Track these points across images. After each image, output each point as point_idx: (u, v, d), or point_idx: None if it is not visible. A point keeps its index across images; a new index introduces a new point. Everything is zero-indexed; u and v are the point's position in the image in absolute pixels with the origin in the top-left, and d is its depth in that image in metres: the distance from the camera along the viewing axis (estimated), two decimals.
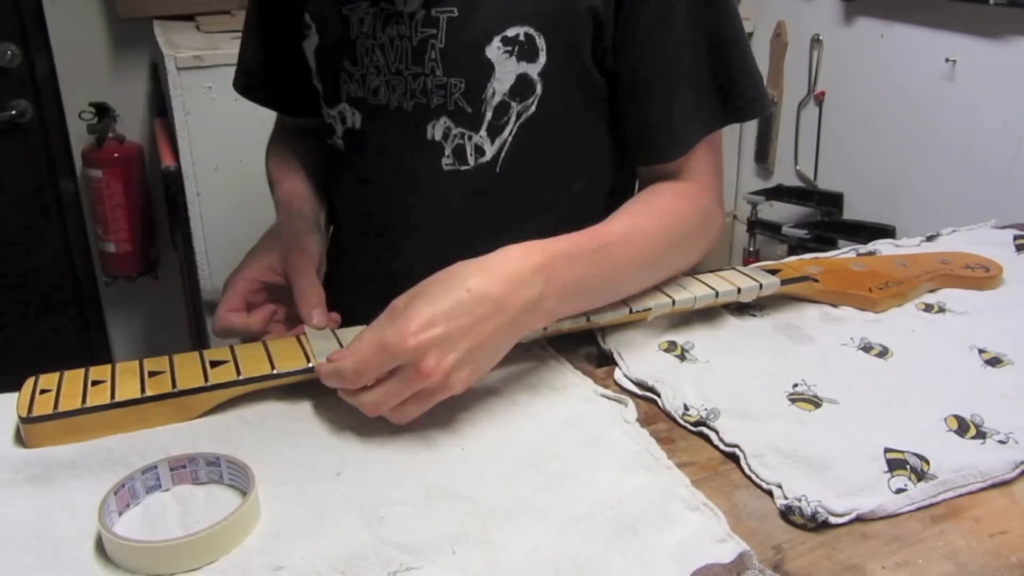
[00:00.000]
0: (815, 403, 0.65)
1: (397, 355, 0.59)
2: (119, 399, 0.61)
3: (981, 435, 0.61)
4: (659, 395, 0.67)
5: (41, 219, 2.02)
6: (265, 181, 1.02)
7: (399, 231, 0.86)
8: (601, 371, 0.72)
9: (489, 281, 0.62)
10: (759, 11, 2.17)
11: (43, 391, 0.62)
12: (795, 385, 0.68)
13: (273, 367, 0.65)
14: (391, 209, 0.85)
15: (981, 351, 0.73)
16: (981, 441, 0.61)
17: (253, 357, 0.66)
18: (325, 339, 0.68)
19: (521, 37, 0.77)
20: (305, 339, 0.68)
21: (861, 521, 0.54)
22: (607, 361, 0.73)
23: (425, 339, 0.59)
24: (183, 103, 1.62)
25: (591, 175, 0.86)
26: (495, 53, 0.77)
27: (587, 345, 0.75)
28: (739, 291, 0.77)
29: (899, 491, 0.56)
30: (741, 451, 0.60)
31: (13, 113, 1.91)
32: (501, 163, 0.81)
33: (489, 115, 0.79)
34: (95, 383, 0.63)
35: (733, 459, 0.60)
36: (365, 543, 0.52)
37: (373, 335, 0.61)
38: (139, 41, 1.99)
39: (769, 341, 0.75)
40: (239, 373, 0.64)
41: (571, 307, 0.70)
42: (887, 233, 1.84)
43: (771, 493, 0.57)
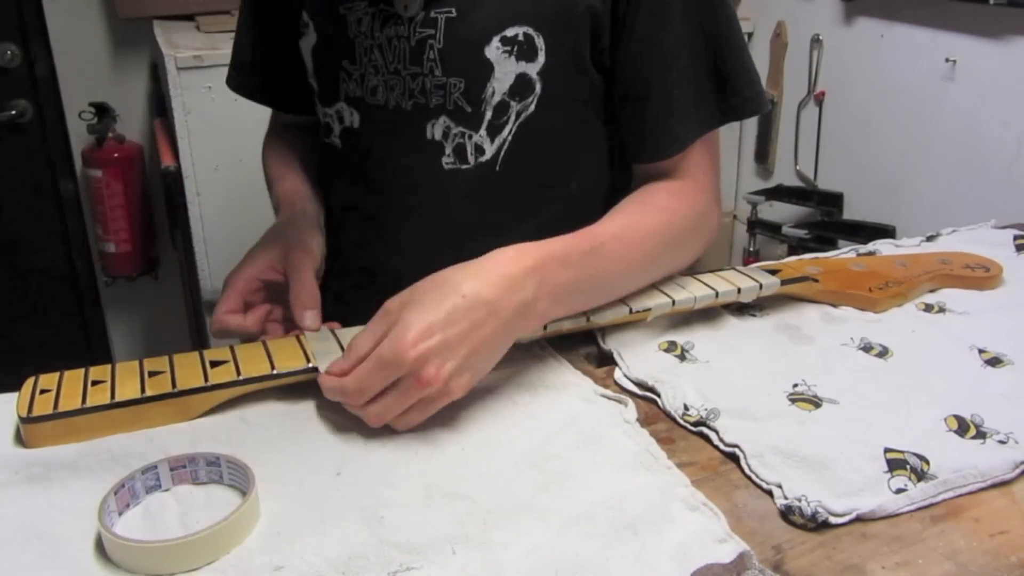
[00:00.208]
0: (815, 403, 0.65)
1: (398, 368, 0.60)
2: (119, 399, 0.61)
3: (981, 435, 0.61)
4: (659, 395, 0.67)
5: (41, 219, 2.02)
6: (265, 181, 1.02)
7: (398, 230, 0.86)
8: (601, 371, 0.72)
9: (483, 286, 0.63)
10: (759, 11, 2.17)
11: (43, 391, 0.62)
12: (795, 385, 0.68)
13: (273, 367, 0.65)
14: (390, 208, 0.85)
15: (981, 351, 0.73)
16: (981, 441, 0.61)
17: (253, 357, 0.66)
18: (325, 339, 0.68)
19: (520, 37, 0.77)
20: (305, 339, 0.68)
21: (861, 521, 0.54)
22: (607, 361, 0.73)
23: (424, 349, 0.59)
24: (183, 103, 1.63)
25: (589, 174, 0.86)
26: (494, 53, 0.77)
27: (587, 345, 0.75)
28: (739, 291, 0.77)
29: (899, 491, 0.56)
30: (741, 451, 0.60)
31: (13, 113, 1.91)
32: (501, 162, 0.81)
33: (489, 114, 0.79)
34: (95, 383, 0.63)
35: (733, 459, 0.60)
36: (365, 543, 0.52)
37: (366, 341, 0.61)
38: (139, 41, 1.99)
39: (769, 341, 0.75)
40: (239, 373, 0.64)
41: (565, 308, 0.70)
42: (887, 233, 1.83)
43: (771, 493, 0.57)
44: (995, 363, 0.71)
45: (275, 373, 0.64)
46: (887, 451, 0.59)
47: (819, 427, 0.62)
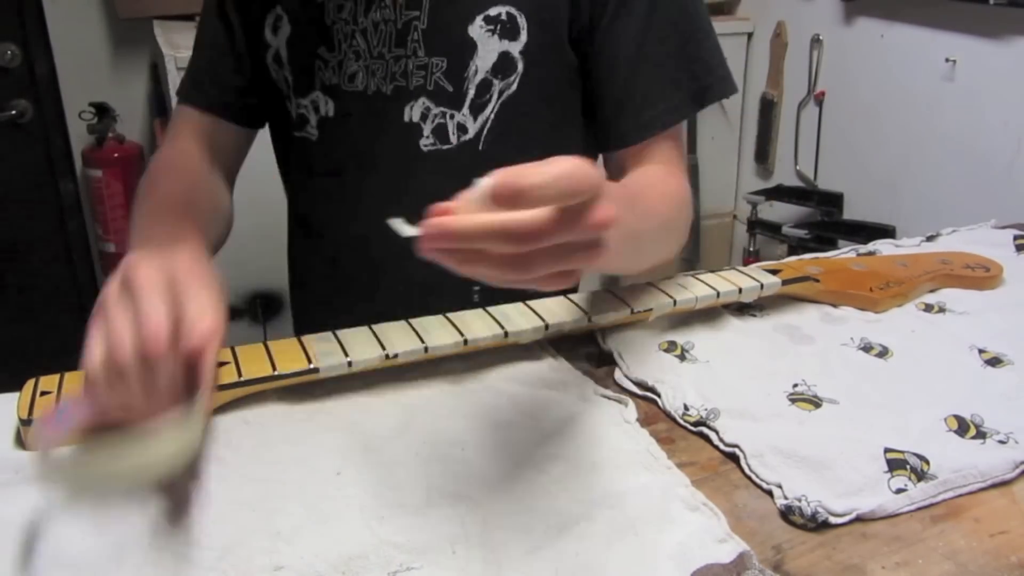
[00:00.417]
0: (815, 403, 0.65)
1: (594, 184, 0.47)
2: None
3: (981, 435, 0.61)
4: (659, 395, 0.67)
5: (41, 219, 2.02)
6: (264, 182, 1.02)
7: (379, 217, 0.85)
8: (601, 371, 0.72)
9: None
10: (759, 11, 2.17)
11: (43, 393, 0.62)
12: (795, 385, 0.68)
13: (274, 368, 0.65)
14: (371, 195, 0.85)
15: (981, 351, 0.73)
16: (981, 441, 0.61)
17: (254, 358, 0.66)
18: (326, 340, 0.68)
19: (503, 16, 0.78)
20: (306, 340, 0.68)
21: (861, 521, 0.54)
22: (607, 361, 0.73)
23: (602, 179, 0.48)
24: None
25: (571, 153, 0.86)
26: (478, 32, 0.78)
27: (587, 345, 0.75)
28: (740, 291, 0.77)
29: (899, 491, 0.56)
30: (741, 451, 0.60)
31: (13, 113, 1.91)
32: (484, 141, 0.82)
33: (472, 93, 0.80)
34: None
35: (733, 459, 0.60)
36: (365, 543, 0.52)
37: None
38: (139, 41, 2.00)
39: (769, 341, 0.75)
40: (240, 374, 0.64)
41: (622, 252, 0.58)
42: (887, 233, 1.84)
43: (771, 493, 0.57)
44: (995, 363, 0.71)
45: (276, 374, 0.64)
46: (887, 451, 0.59)
47: (819, 427, 0.62)
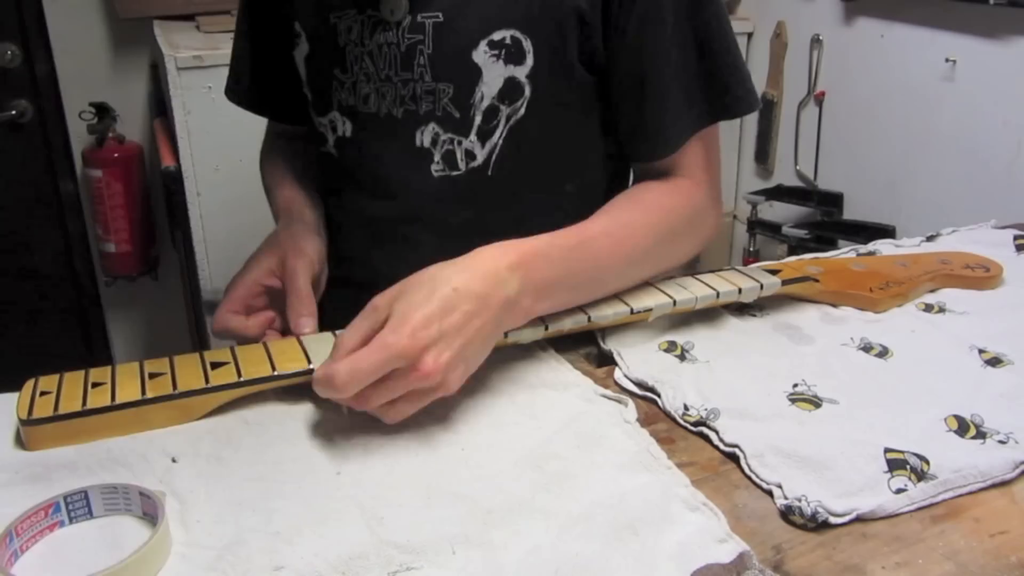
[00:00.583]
0: (815, 403, 0.65)
1: (398, 355, 0.59)
2: (119, 401, 0.61)
3: (981, 435, 0.61)
4: (659, 395, 0.67)
5: (41, 219, 2.02)
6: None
7: (395, 238, 0.86)
8: (601, 371, 0.72)
9: (472, 279, 0.63)
10: (759, 11, 2.17)
11: (43, 393, 0.62)
12: (795, 385, 0.68)
13: (274, 368, 0.65)
14: (385, 216, 0.85)
15: (981, 351, 0.73)
16: (981, 441, 0.61)
17: (254, 358, 0.66)
18: (325, 342, 0.68)
19: (507, 40, 0.77)
20: (305, 341, 0.68)
21: (861, 521, 0.54)
22: (607, 361, 0.73)
23: (423, 338, 0.59)
24: (183, 103, 1.63)
25: (584, 176, 0.87)
26: (482, 57, 0.77)
27: (587, 345, 0.75)
28: (740, 291, 0.77)
29: (899, 491, 0.56)
30: (741, 451, 0.60)
31: (13, 113, 1.91)
32: (492, 167, 0.81)
33: (479, 119, 0.79)
34: (95, 385, 0.63)
35: (733, 459, 0.60)
36: (365, 543, 0.52)
37: (353, 336, 0.60)
38: (139, 41, 2.00)
39: (769, 341, 0.75)
40: (240, 375, 0.64)
41: (551, 303, 0.70)
42: (887, 233, 1.84)
43: (771, 493, 0.57)
44: (995, 363, 0.71)
45: (276, 375, 0.64)
46: (887, 451, 0.59)
47: (819, 427, 0.62)
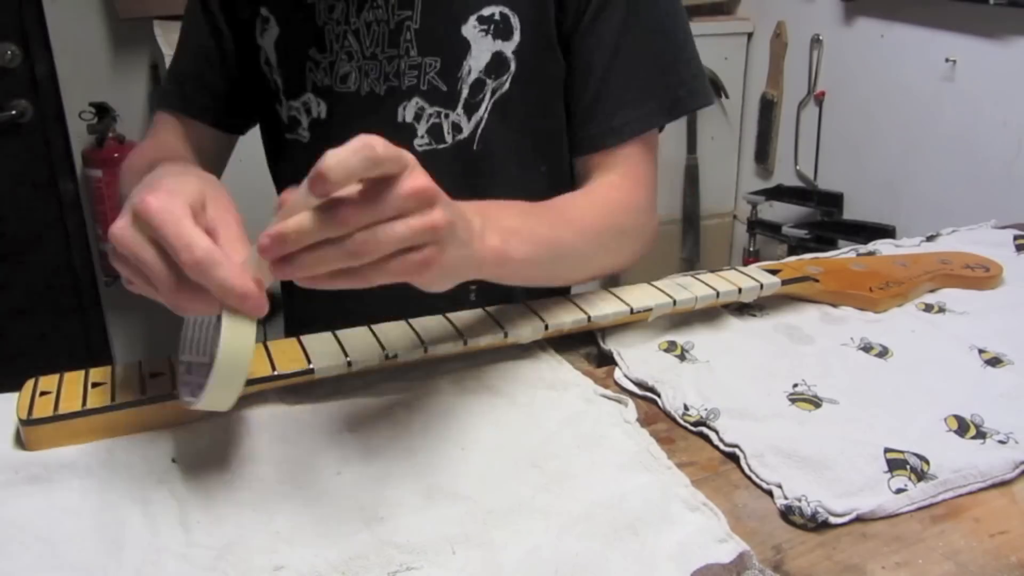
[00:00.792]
0: (815, 403, 0.65)
1: (394, 155, 0.47)
2: (119, 401, 0.61)
3: (981, 435, 0.61)
4: (659, 395, 0.67)
5: (41, 219, 2.02)
6: (264, 181, 1.01)
7: None
8: (601, 371, 0.72)
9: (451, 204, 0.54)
10: (759, 11, 2.17)
11: (43, 393, 0.62)
12: (795, 385, 0.68)
13: (274, 368, 0.64)
14: None
15: (981, 351, 0.73)
16: (981, 441, 0.61)
17: (254, 358, 0.66)
18: (325, 342, 0.68)
19: (496, 16, 0.79)
20: (306, 341, 0.68)
21: (861, 521, 0.54)
22: (607, 361, 0.73)
23: (438, 190, 0.50)
24: None
25: (555, 161, 0.87)
26: (471, 31, 0.78)
27: (587, 345, 0.75)
28: (740, 291, 0.77)
29: (899, 491, 0.56)
30: (741, 451, 0.60)
31: (13, 113, 1.91)
32: (478, 140, 0.82)
33: (465, 92, 0.80)
34: (95, 385, 0.63)
35: (733, 459, 0.60)
36: (365, 543, 0.52)
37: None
38: (139, 41, 2.00)
39: (769, 341, 0.75)
40: None
41: (518, 251, 0.63)
42: (887, 233, 1.84)
43: (771, 493, 0.57)
44: (995, 363, 0.71)
45: (276, 374, 0.64)
46: (887, 451, 0.59)
47: (819, 427, 0.62)
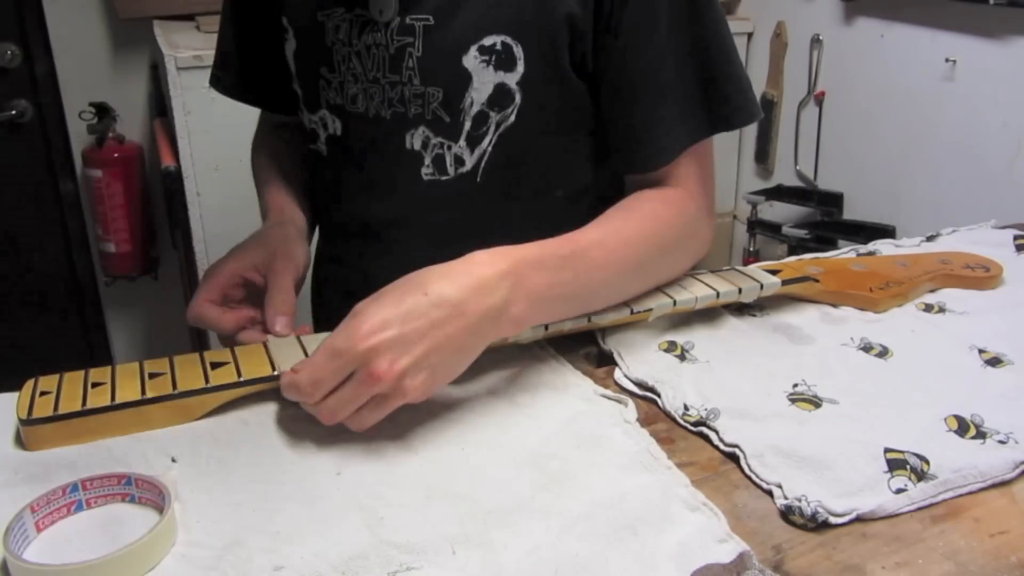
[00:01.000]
0: (815, 403, 0.65)
1: (349, 360, 0.58)
2: (119, 401, 0.61)
3: (981, 435, 0.61)
4: (659, 395, 0.67)
5: (41, 219, 2.02)
6: None
7: (382, 240, 0.85)
8: (601, 371, 0.72)
9: (449, 286, 0.61)
10: (759, 11, 2.17)
11: (43, 393, 0.62)
12: (795, 385, 0.68)
13: (274, 368, 0.65)
14: (374, 218, 0.85)
15: (981, 351, 0.73)
16: (981, 441, 0.61)
17: (254, 359, 0.66)
18: (319, 343, 0.68)
19: (498, 46, 0.76)
20: (306, 341, 0.68)
21: (861, 521, 0.54)
22: (607, 361, 0.73)
23: (376, 342, 0.58)
24: (183, 103, 1.63)
25: (573, 183, 0.85)
26: (472, 62, 0.76)
27: (587, 345, 0.75)
28: (740, 291, 0.77)
29: (899, 491, 0.56)
30: (741, 451, 0.60)
31: (13, 113, 1.91)
32: (481, 173, 0.80)
33: (468, 125, 0.78)
34: (95, 385, 0.63)
35: (733, 459, 0.60)
36: (365, 543, 0.52)
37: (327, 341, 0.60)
38: (139, 41, 2.00)
39: (769, 341, 0.75)
40: (240, 375, 0.64)
41: (544, 314, 0.68)
42: (887, 233, 1.84)
43: (771, 493, 0.57)
44: (995, 363, 0.71)
45: (276, 375, 0.64)
46: (887, 451, 0.59)
47: (819, 427, 0.62)
